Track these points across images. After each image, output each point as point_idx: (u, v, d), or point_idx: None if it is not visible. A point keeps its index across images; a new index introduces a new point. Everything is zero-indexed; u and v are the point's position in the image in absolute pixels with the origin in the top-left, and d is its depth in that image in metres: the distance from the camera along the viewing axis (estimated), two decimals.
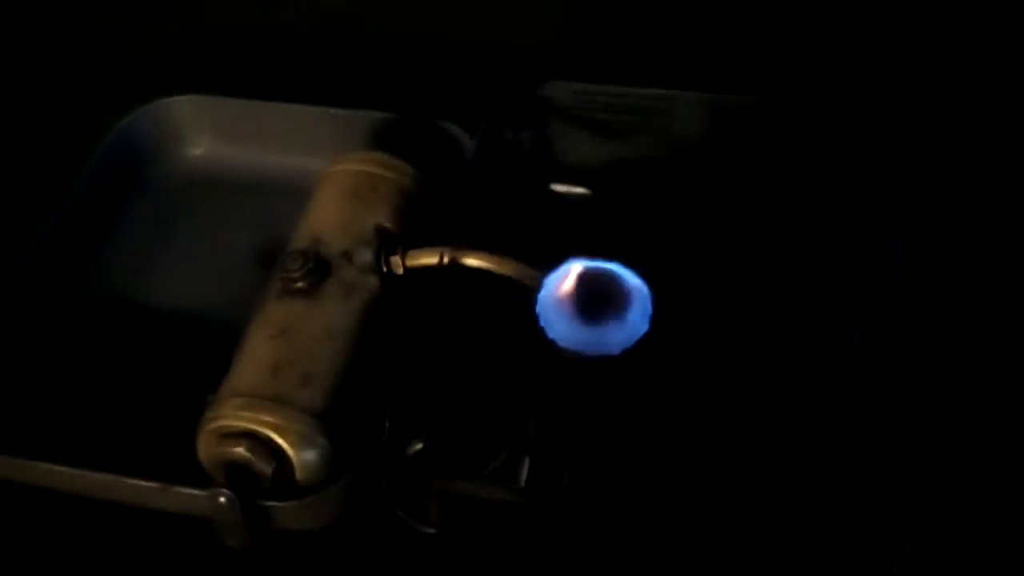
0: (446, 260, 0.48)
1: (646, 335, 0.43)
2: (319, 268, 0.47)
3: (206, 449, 0.43)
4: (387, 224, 0.50)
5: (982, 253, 0.51)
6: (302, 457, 0.42)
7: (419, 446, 0.42)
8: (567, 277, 0.45)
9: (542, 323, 0.44)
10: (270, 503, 0.42)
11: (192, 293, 0.55)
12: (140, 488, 0.43)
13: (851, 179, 0.49)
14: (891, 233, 0.47)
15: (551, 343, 0.43)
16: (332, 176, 0.52)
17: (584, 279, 0.44)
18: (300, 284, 0.46)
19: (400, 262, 0.49)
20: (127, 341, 0.53)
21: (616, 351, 0.43)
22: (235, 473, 0.42)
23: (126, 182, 0.59)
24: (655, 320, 0.43)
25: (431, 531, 0.42)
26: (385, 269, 0.49)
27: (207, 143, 0.62)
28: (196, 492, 0.42)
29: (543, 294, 0.45)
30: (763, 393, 0.44)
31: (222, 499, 0.41)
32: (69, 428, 0.48)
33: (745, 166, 0.52)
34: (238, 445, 0.42)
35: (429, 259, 0.48)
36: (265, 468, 0.42)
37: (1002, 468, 0.44)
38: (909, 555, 0.38)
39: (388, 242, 0.49)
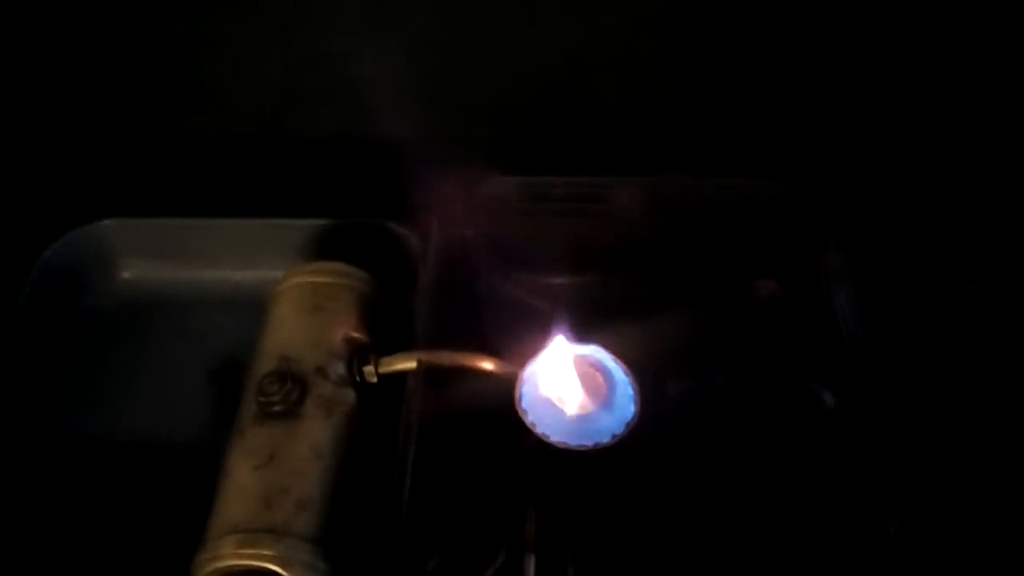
0: (421, 363, 0.48)
1: (634, 418, 0.44)
2: (296, 388, 0.46)
3: None
4: (354, 334, 0.50)
5: (929, 298, 0.54)
6: None
7: (434, 562, 0.42)
8: (548, 369, 0.45)
9: (529, 419, 0.45)
10: None
11: (147, 422, 0.53)
12: None
13: (789, 244, 0.52)
14: (834, 291, 0.50)
15: (541, 439, 0.44)
16: (288, 291, 0.51)
17: (568, 370, 0.45)
18: (279, 407, 0.46)
19: (374, 371, 0.48)
20: (85, 478, 0.50)
21: (607, 439, 0.44)
22: None
23: (58, 314, 0.57)
24: (639, 404, 0.44)
25: None
26: (359, 379, 0.48)
27: (138, 265, 0.60)
28: None
29: (526, 388, 0.45)
30: (750, 464, 0.45)
31: None
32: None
33: (687, 241, 0.54)
34: None
35: (403, 364, 0.48)
36: None
37: (988, 516, 0.46)
38: None
39: (359, 352, 0.49)
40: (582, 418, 0.44)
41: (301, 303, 0.51)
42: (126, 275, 0.60)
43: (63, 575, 0.47)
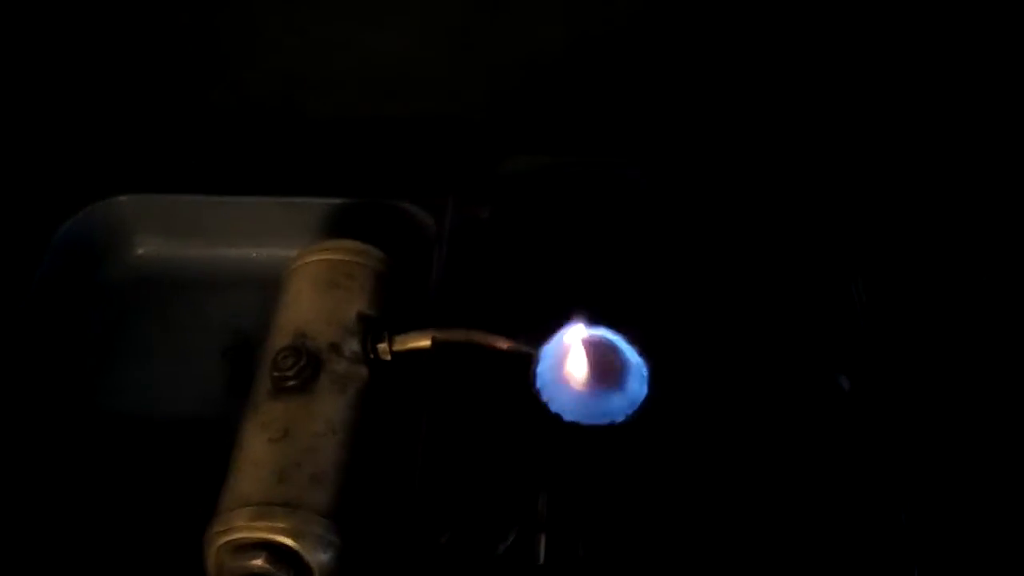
0: (435, 341, 0.48)
1: (646, 399, 0.44)
2: (311, 364, 0.46)
3: (218, 564, 0.42)
4: (369, 311, 0.50)
5: (942, 286, 0.54)
6: (321, 560, 0.41)
7: (448, 536, 0.42)
8: (563, 348, 0.45)
9: (544, 397, 0.45)
10: None
11: (161, 396, 0.53)
12: None
13: (809, 232, 0.52)
14: (851, 280, 0.50)
15: (555, 416, 0.44)
16: (304, 268, 0.51)
17: (583, 349, 0.45)
18: (294, 382, 0.46)
19: (387, 348, 0.48)
20: (99, 451, 0.51)
21: (620, 418, 0.44)
22: None
23: (74, 288, 0.57)
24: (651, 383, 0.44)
25: None
26: (373, 356, 0.48)
27: (153, 242, 0.60)
28: None
29: (541, 367, 0.45)
30: (764, 447, 0.45)
31: None
32: (47, 547, 0.46)
33: (706, 225, 0.54)
34: (256, 557, 0.41)
35: (417, 342, 0.48)
36: None
37: (1001, 502, 0.46)
38: None
39: (373, 329, 0.49)
40: (595, 398, 0.44)
41: (317, 280, 0.51)
42: (141, 251, 0.60)
43: (76, 546, 0.47)
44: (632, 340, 0.46)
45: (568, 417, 0.44)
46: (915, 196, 0.58)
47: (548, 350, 0.46)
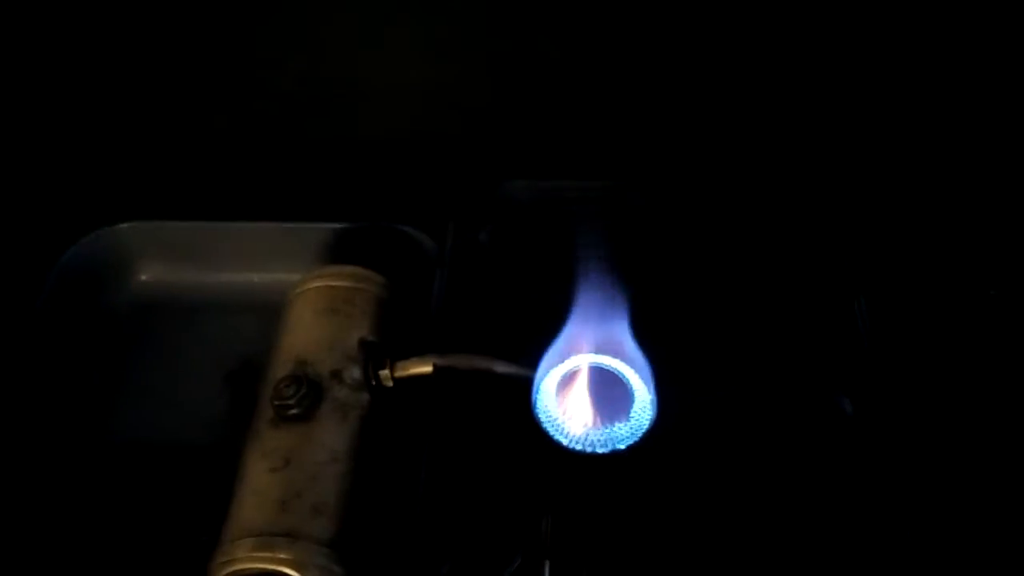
0: (437, 367, 0.48)
1: (650, 426, 0.44)
2: (312, 392, 0.46)
3: None
4: (370, 337, 0.50)
5: (943, 308, 0.54)
6: None
7: (448, 566, 0.42)
8: (567, 377, 0.45)
9: (545, 426, 0.45)
10: None
11: (163, 423, 0.53)
12: None
13: (812, 251, 0.52)
14: (853, 300, 0.50)
15: (557, 444, 0.44)
16: (305, 295, 0.51)
17: (586, 379, 0.45)
18: (295, 410, 0.46)
19: (389, 375, 0.48)
20: (101, 479, 0.51)
21: (623, 446, 0.44)
22: None
23: (77, 314, 0.57)
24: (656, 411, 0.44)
25: None
26: (375, 383, 0.48)
27: (156, 268, 0.60)
28: None
29: (542, 393, 0.45)
30: (766, 472, 0.45)
31: None
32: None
33: (708, 246, 0.54)
34: None
35: (419, 368, 0.48)
36: None
37: (1003, 526, 0.46)
38: None
39: (374, 356, 0.49)
40: (601, 427, 0.44)
41: (317, 306, 0.51)
42: (144, 277, 0.60)
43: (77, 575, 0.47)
44: (635, 365, 0.46)
45: (569, 444, 0.44)
46: (919, 212, 0.58)
47: (549, 376, 0.45)
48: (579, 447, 0.44)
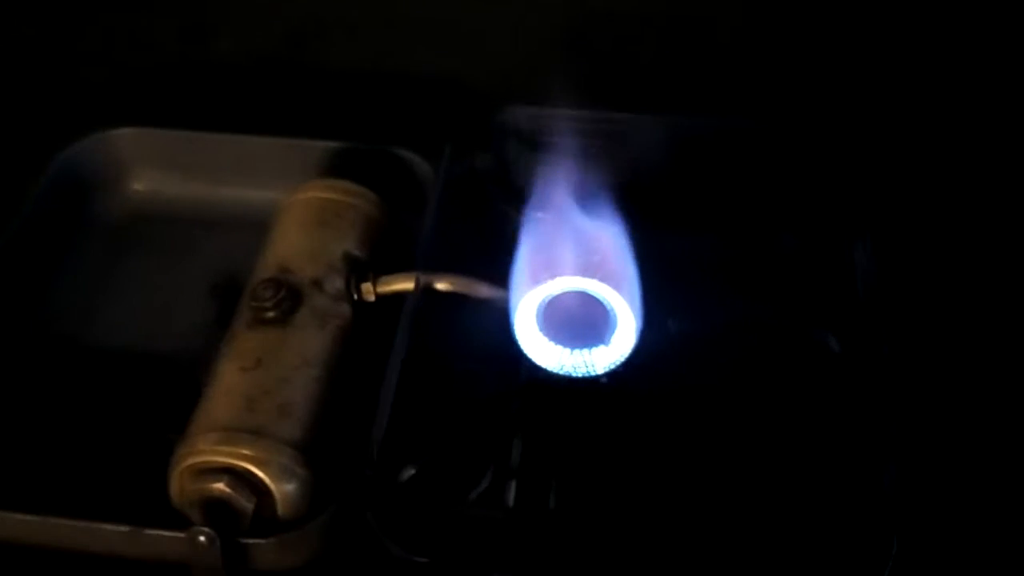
0: (419, 285, 0.47)
1: (630, 354, 0.43)
2: (290, 297, 0.46)
3: (180, 487, 0.41)
4: (355, 251, 0.49)
5: (948, 255, 0.52)
6: (284, 490, 0.41)
7: (411, 472, 0.41)
8: (547, 299, 0.44)
9: (523, 347, 0.44)
10: (252, 540, 0.40)
11: (145, 329, 0.53)
12: (108, 534, 0.41)
13: (813, 192, 0.51)
14: (856, 240, 0.48)
15: (533, 366, 0.43)
16: (295, 204, 0.51)
17: (565, 302, 0.44)
18: (272, 314, 0.45)
19: (371, 289, 0.48)
20: (81, 380, 0.50)
21: (600, 372, 0.43)
22: (214, 511, 0.40)
23: (68, 218, 0.57)
24: (638, 339, 0.43)
25: (423, 560, 0.40)
26: (356, 296, 0.48)
27: (150, 177, 0.60)
28: (172, 534, 0.40)
29: (522, 317, 0.44)
30: (746, 404, 0.44)
31: (202, 538, 0.39)
32: (25, 474, 0.45)
33: (707, 185, 0.53)
34: (217, 481, 0.40)
35: (401, 285, 0.48)
36: (247, 503, 0.40)
37: (988, 469, 0.45)
38: (897, 558, 0.39)
39: (358, 269, 0.48)
40: (579, 351, 0.43)
41: (306, 218, 0.50)
42: (137, 186, 0.60)
43: (54, 473, 0.46)
44: (621, 291, 0.45)
45: (546, 368, 0.43)
46: (930, 156, 0.56)
47: (531, 300, 0.45)
48: (555, 369, 0.43)
